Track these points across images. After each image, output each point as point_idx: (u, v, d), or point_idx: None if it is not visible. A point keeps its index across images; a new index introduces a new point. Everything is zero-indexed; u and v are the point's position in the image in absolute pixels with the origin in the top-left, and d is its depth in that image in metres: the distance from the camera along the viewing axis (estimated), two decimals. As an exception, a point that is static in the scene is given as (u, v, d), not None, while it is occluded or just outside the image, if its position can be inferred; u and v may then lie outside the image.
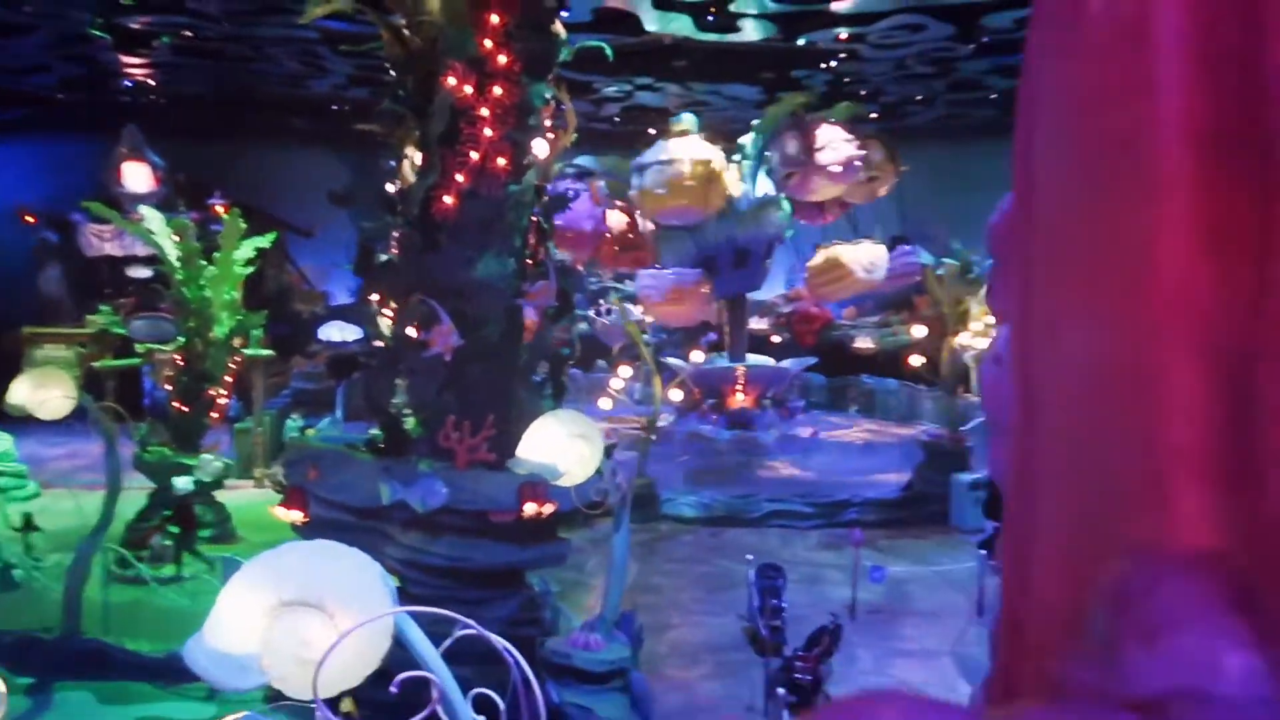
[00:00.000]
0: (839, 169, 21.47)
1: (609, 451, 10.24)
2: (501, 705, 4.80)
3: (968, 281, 20.50)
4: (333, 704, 4.60)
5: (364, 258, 12.20)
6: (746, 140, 23.53)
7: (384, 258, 11.73)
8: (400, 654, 4.96)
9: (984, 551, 14.63)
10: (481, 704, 5.09)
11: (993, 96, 29.84)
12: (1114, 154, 2.16)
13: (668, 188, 21.72)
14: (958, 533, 18.48)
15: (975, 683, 9.31)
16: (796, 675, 10.93)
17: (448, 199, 10.58)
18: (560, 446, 9.02)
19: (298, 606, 4.52)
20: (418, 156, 11.03)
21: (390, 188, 11.76)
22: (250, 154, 35.00)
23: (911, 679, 12.05)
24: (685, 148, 22.40)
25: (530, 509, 9.81)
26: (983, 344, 21.15)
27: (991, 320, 23.35)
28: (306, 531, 10.65)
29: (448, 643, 5.00)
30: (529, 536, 10.37)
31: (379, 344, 11.44)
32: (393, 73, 11.46)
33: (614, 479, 9.53)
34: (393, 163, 11.92)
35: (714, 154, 22.42)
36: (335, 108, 32.81)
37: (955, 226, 30.91)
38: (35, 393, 12.04)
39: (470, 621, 4.70)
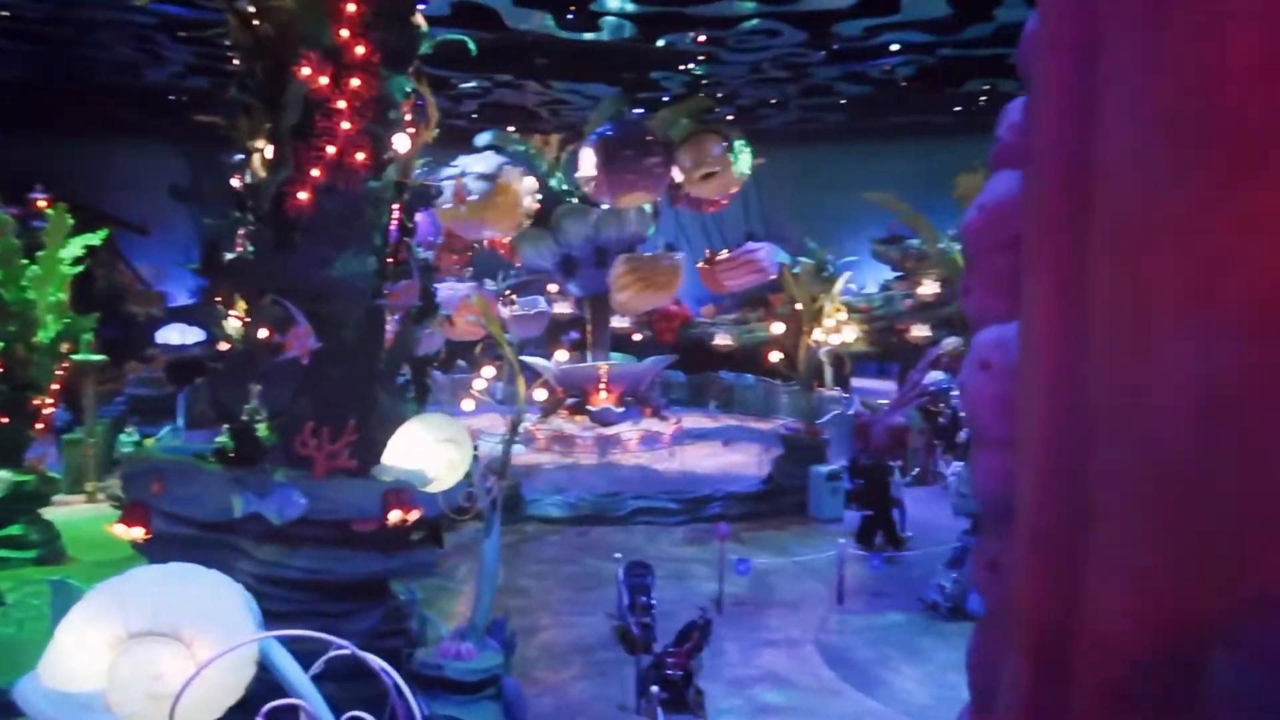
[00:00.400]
0: (633, 177, 21.78)
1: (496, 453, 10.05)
2: (377, 727, 4.60)
3: (822, 279, 21.22)
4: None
5: (210, 256, 11.48)
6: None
7: (231, 256, 11.10)
8: (266, 678, 4.69)
9: (855, 542, 15.11)
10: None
11: (842, 102, 30.99)
12: (1248, 136, 1.75)
13: (453, 202, 21.72)
14: (816, 523, 19.08)
15: (839, 669, 9.55)
16: (668, 671, 11.01)
17: (302, 195, 10.13)
18: (428, 451, 8.76)
19: (148, 637, 4.19)
20: (269, 150, 10.48)
21: (237, 182, 11.11)
22: (78, 146, 32.50)
23: (778, 668, 12.35)
24: (475, 163, 22.44)
25: (395, 516, 9.51)
26: (838, 340, 22.00)
27: (844, 317, 24.31)
28: (148, 549, 9.97)
29: (318, 666, 4.75)
30: (394, 545, 10.06)
31: (225, 347, 10.83)
32: (239, 61, 10.87)
33: (484, 483, 9.31)
34: (237, 156, 11.27)
35: (508, 171, 22.49)
36: (172, 98, 30.85)
37: (809, 226, 32.02)
38: None
39: (344, 643, 4.47)
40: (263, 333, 10.07)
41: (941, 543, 16.62)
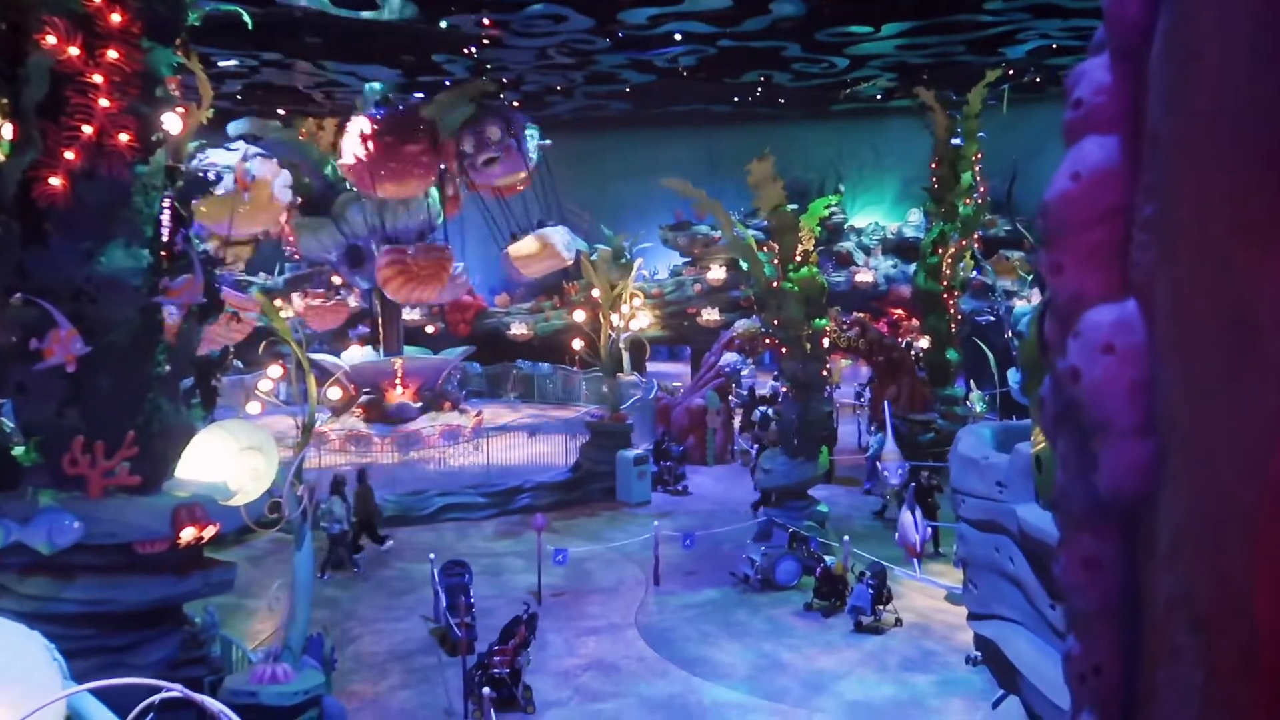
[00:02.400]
0: (395, 165, 21.27)
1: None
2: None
3: (620, 266, 21.35)
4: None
5: (-62, 252, 9.92)
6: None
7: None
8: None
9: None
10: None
11: (627, 90, 31.34)
12: None
13: (231, 187, 20.37)
14: (625, 507, 19.27)
15: (662, 649, 9.54)
16: (495, 670, 10.74)
17: (55, 180, 8.93)
18: (230, 462, 7.98)
19: (-74, 705, 3.49)
20: (7, 129, 9.17)
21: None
22: None
23: (603, 655, 12.33)
24: (222, 155, 21.18)
25: (188, 534, 8.65)
26: (635, 325, 22.26)
27: (639, 302, 24.64)
28: (-120, 596, 8.54)
29: (136, 715, 4.15)
30: (187, 565, 9.16)
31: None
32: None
33: (294, 491, 8.61)
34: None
35: (260, 164, 21.33)
36: None
37: (599, 212, 32.25)
38: None
39: (174, 685, 3.92)
40: (12, 338, 8.85)
41: (747, 518, 17.27)
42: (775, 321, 16.56)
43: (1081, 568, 2.63)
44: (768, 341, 17.91)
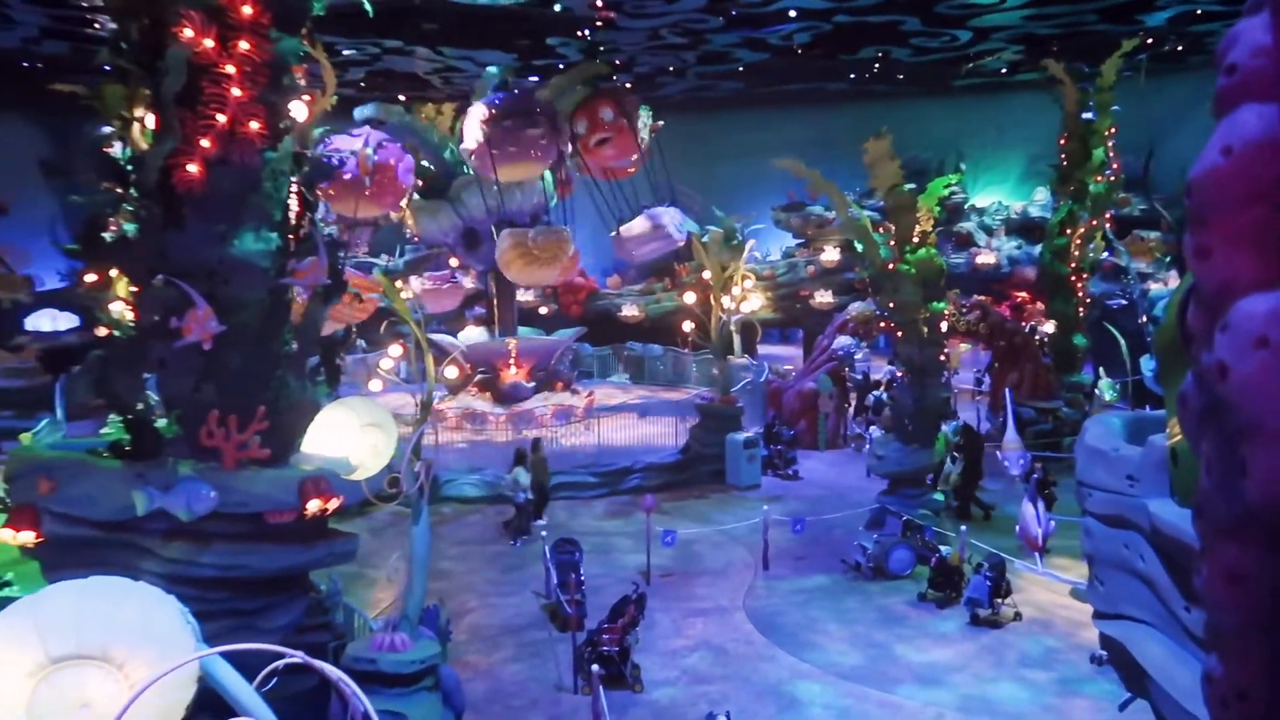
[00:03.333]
0: (515, 149, 21.36)
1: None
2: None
3: (731, 247, 21.15)
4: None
5: (91, 235, 10.56)
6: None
7: (110, 234, 10.24)
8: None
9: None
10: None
11: (740, 69, 30.95)
12: None
13: (354, 171, 20.87)
14: (734, 490, 19.18)
15: (770, 634, 9.43)
16: (604, 648, 10.85)
17: (192, 167, 9.33)
18: (352, 438, 8.27)
19: (73, 662, 3.73)
20: (150, 119, 9.66)
21: (114, 153, 10.22)
22: (-85, 119, 29.94)
23: (711, 637, 12.32)
24: (349, 141, 21.66)
25: (314, 506, 8.99)
26: (746, 307, 22.05)
27: (750, 284, 24.37)
28: (40, 553, 9.20)
29: (263, 678, 4.34)
30: (312, 535, 9.54)
31: (106, 332, 10.00)
32: (112, 23, 9.97)
33: (412, 468, 8.87)
34: (104, 128, 10.40)
35: (386, 149, 21.83)
36: (25, 65, 28.55)
37: (710, 194, 32.03)
38: None
39: (295, 653, 4.08)
40: (157, 317, 9.35)
41: (858, 505, 16.94)
42: (891, 304, 16.12)
43: (1224, 581, 2.41)
44: (882, 325, 17.45)
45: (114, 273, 11.24)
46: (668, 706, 10.60)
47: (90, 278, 11.60)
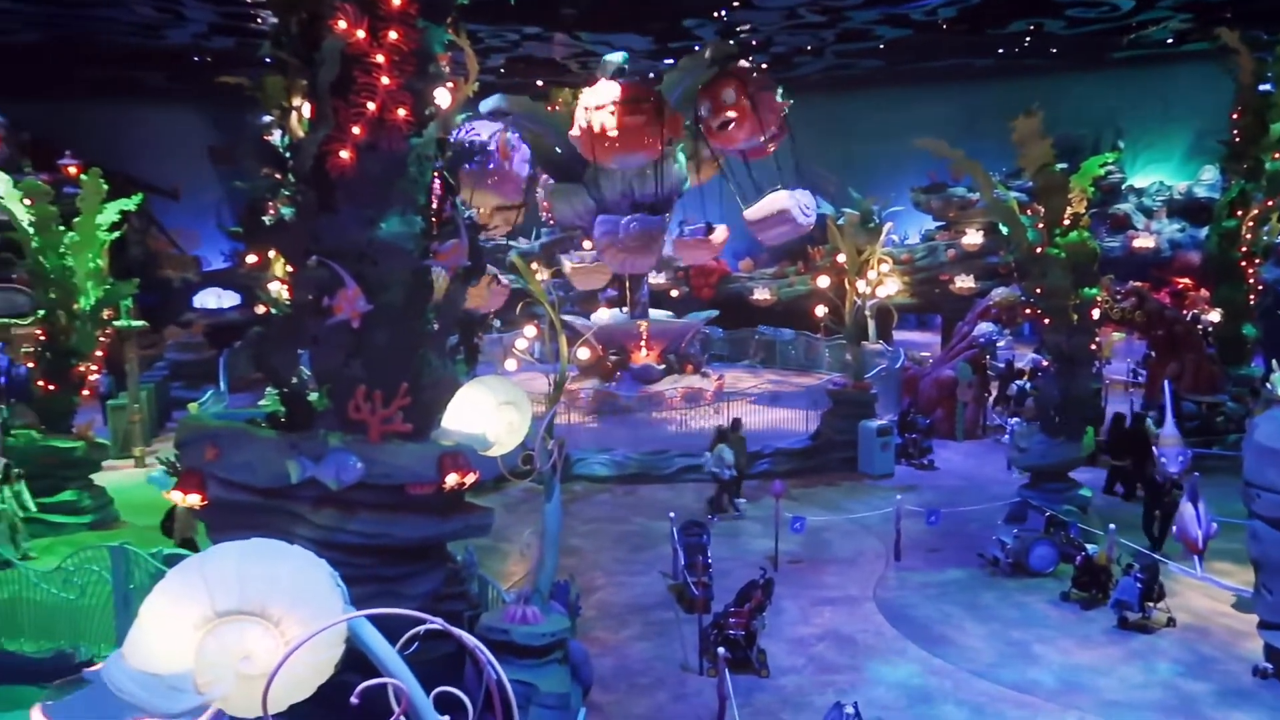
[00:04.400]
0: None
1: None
2: (470, 707, 4.40)
3: (867, 230, 20.64)
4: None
5: (252, 218, 11.22)
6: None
7: (269, 218, 10.83)
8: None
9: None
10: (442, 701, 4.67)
11: (880, 46, 30.10)
12: None
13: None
14: (866, 478, 18.80)
15: (901, 626, 9.30)
16: (730, 631, 10.86)
17: (344, 154, 9.75)
18: (489, 415, 8.52)
19: (236, 617, 3.99)
20: (306, 108, 10.14)
21: (273, 141, 10.78)
22: (101, 110, 32.41)
23: (840, 626, 12.14)
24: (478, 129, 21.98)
25: (452, 480, 9.31)
26: (882, 292, 21.52)
27: (887, 268, 23.73)
28: (205, 516, 9.89)
29: (405, 642, 4.55)
30: (450, 507, 9.89)
31: (264, 310, 10.59)
32: (273, 17, 10.50)
33: (545, 445, 9.09)
34: (265, 117, 10.95)
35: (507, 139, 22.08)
36: (196, 59, 30.52)
37: (845, 175, 31.34)
38: (-124, 378, 10.78)
39: (435, 619, 4.26)
40: (311, 296, 9.84)
41: (997, 498, 16.33)
42: (1038, 290, 15.39)
43: None
44: (1028, 311, 16.69)
45: (272, 254, 11.94)
46: (793, 693, 10.52)
47: (251, 259, 12.32)
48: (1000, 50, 31.62)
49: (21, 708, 10.41)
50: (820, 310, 21.32)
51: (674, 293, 31.74)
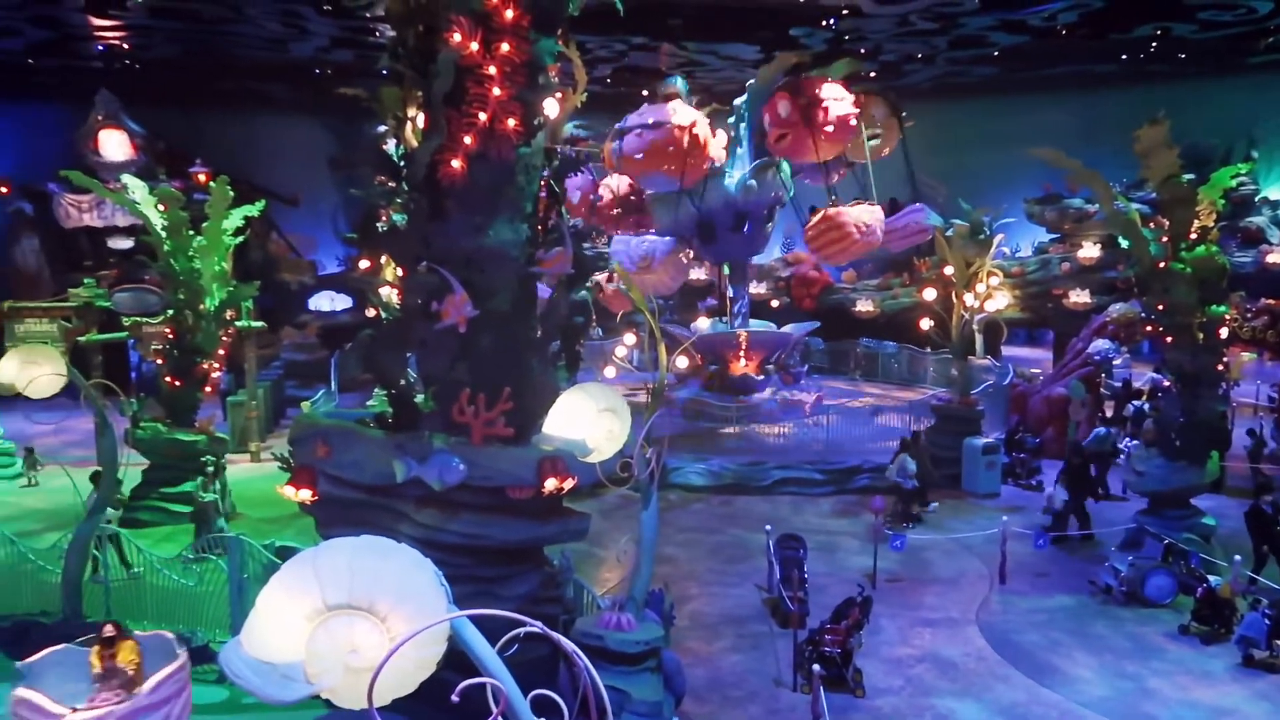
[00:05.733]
0: (832, 128, 20.79)
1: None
2: (565, 710, 4.44)
3: (977, 242, 20.05)
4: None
5: (366, 225, 11.62)
6: (740, 102, 22.88)
7: (382, 224, 11.18)
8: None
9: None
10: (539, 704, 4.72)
11: (995, 53, 29.26)
12: None
13: (646, 153, 20.95)
14: (971, 497, 18.24)
15: (1005, 652, 8.96)
16: (825, 649, 10.67)
17: (455, 163, 9.99)
18: (589, 421, 8.60)
19: (345, 611, 4.12)
20: (420, 118, 10.44)
21: (389, 150, 11.13)
22: (227, 120, 34.07)
23: (940, 649, 11.79)
24: (669, 112, 21.80)
25: (551, 484, 9.42)
26: (991, 306, 20.82)
27: (996, 281, 22.96)
28: (315, 510, 10.25)
29: (504, 643, 4.62)
30: (548, 512, 10.00)
31: (375, 313, 10.92)
32: (391, 30, 10.85)
33: (644, 454, 9.12)
34: (380, 127, 11.29)
35: (698, 119, 21.71)
36: (317, 72, 31.85)
37: (955, 186, 30.56)
38: (24, 370, 11.52)
39: (535, 623, 4.31)
40: (419, 301, 10.11)
41: (1111, 523, 15.64)
42: (1160, 306, 14.67)
43: None
44: (1148, 328, 15.90)
45: (384, 259, 12.33)
46: (890, 715, 10.26)
47: (364, 264, 12.76)
48: (1124, 56, 30.38)
49: (143, 686, 11.00)
50: (925, 323, 20.80)
51: (774, 303, 31.46)
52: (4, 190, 30.77)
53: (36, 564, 12.62)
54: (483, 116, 9.92)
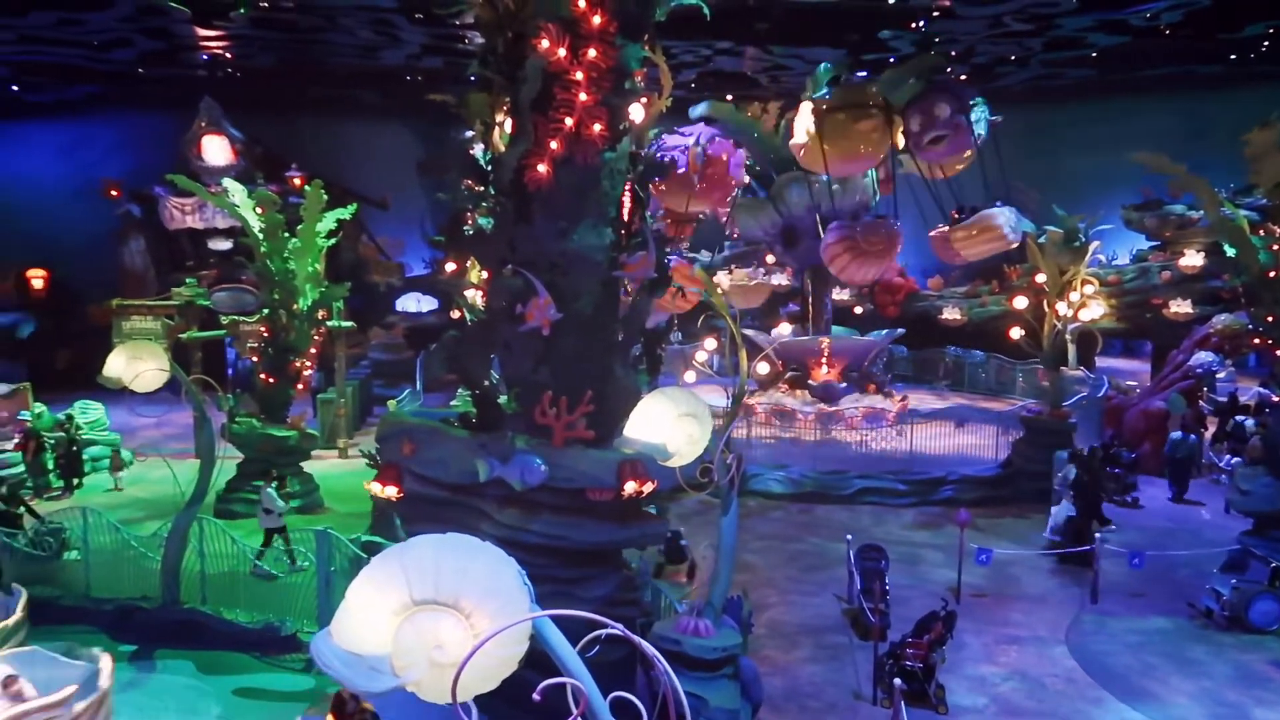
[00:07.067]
0: (846, 143, 20.44)
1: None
2: (644, 714, 4.44)
3: (1071, 249, 19.41)
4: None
5: (453, 228, 11.83)
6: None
7: (469, 228, 11.35)
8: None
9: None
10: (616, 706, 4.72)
11: (1093, 55, 28.30)
12: None
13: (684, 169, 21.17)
14: (1061, 513, 17.65)
15: (1097, 674, 8.63)
16: (907, 663, 10.45)
17: (541, 167, 10.08)
18: (670, 426, 8.58)
19: (431, 606, 4.19)
20: (508, 124, 10.58)
21: (476, 155, 11.31)
22: (321, 126, 35.15)
23: (1026, 668, 11.43)
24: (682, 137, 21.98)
25: (631, 488, 9.44)
26: (1085, 315, 20.14)
27: (1091, 290, 22.23)
28: (400, 507, 10.48)
29: (585, 644, 4.64)
30: (628, 515, 10.03)
31: (460, 315, 11.09)
32: (481, 37, 11.02)
33: (724, 459, 9.07)
34: (467, 132, 11.51)
35: (718, 144, 21.94)
36: (408, 78, 32.62)
37: (1049, 191, 29.60)
38: (130, 365, 12.06)
39: (616, 625, 4.32)
40: (504, 303, 10.24)
41: (1211, 543, 14.97)
42: (1269, 318, 14.02)
43: None
44: (1256, 341, 15.23)
45: (470, 262, 12.53)
46: (974, 734, 10.00)
47: (450, 266, 12.99)
48: (1232, 56, 29.06)
49: (236, 672, 11.42)
50: (1015, 332, 20.23)
51: (858, 309, 31.00)
52: (115, 194, 32.34)
53: (138, 550, 13.19)
54: (569, 122, 9.99)
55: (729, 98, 32.31)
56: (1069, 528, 15.23)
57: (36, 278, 31.56)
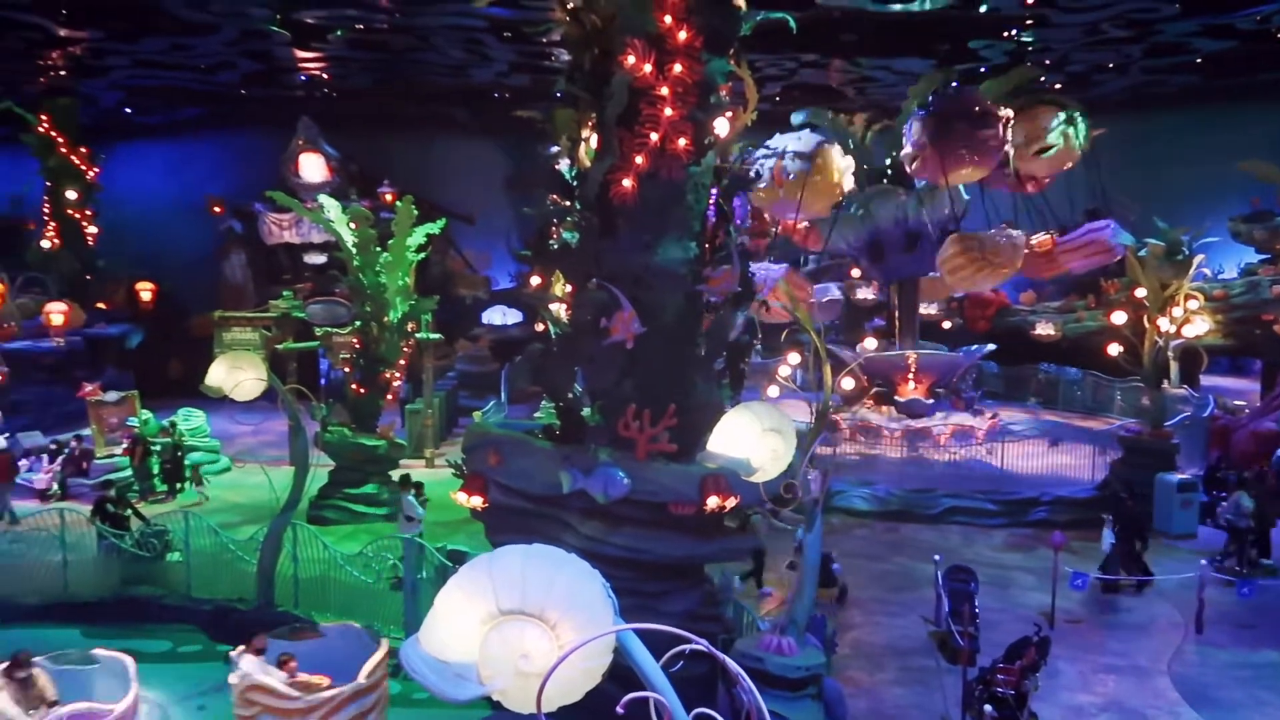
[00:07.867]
0: (966, 151, 19.80)
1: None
2: (729, 731, 4.40)
3: (1174, 263, 18.63)
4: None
5: (539, 242, 12.02)
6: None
7: (554, 242, 11.48)
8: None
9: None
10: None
11: (1198, 60, 27.20)
12: None
13: (770, 183, 20.88)
14: (1162, 538, 16.90)
15: (1202, 708, 8.20)
16: (998, 689, 10.11)
17: (626, 182, 10.13)
18: (753, 441, 8.53)
19: (517, 617, 4.24)
20: (594, 139, 10.69)
21: (562, 170, 11.45)
22: (411, 142, 36.06)
23: (1125, 699, 10.97)
24: (792, 142, 21.56)
25: (713, 502, 9.40)
26: (1189, 331, 19.32)
27: (1195, 305, 21.32)
28: (485, 517, 10.62)
29: (669, 659, 4.63)
30: (711, 529, 9.97)
31: (544, 328, 11.21)
32: (568, 55, 11.16)
33: (809, 476, 8.96)
34: (553, 148, 11.67)
35: (826, 150, 21.48)
36: (496, 95, 33.26)
37: (1150, 203, 28.52)
38: (230, 375, 12.55)
39: (700, 640, 4.29)
40: (589, 317, 10.32)
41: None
42: (1393, 335, 13.21)
43: None
44: (1379, 360, 14.36)
45: (555, 276, 12.67)
46: (1069, 766, 9.63)
47: (535, 280, 13.16)
48: (1350, 60, 27.60)
49: (325, 674, 11.69)
50: (1113, 349, 19.49)
51: (946, 324, 30.30)
52: (218, 210, 33.77)
53: (235, 554, 13.67)
54: (654, 137, 10.04)
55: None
56: (1113, 554, 14.52)
57: (145, 290, 33.09)
